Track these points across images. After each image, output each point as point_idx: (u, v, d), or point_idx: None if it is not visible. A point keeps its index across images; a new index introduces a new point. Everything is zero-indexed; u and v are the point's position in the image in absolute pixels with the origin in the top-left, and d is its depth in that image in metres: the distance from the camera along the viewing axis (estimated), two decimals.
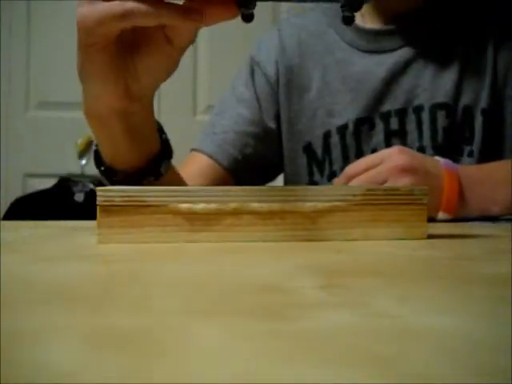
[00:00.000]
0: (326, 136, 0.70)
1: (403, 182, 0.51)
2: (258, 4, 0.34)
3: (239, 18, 0.36)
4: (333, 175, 0.69)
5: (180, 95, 1.66)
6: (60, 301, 0.17)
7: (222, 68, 1.67)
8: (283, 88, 0.72)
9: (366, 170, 0.53)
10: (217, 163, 0.70)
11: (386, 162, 0.52)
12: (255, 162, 0.72)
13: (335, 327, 0.14)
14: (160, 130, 0.48)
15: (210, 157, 0.70)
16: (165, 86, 0.45)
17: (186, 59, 0.40)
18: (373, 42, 0.70)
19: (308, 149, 0.72)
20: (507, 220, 0.56)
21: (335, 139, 0.69)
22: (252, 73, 0.75)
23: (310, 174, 0.72)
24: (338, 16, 0.74)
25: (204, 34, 1.65)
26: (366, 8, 0.71)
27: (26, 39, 1.66)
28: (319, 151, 0.71)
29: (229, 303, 0.17)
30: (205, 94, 1.67)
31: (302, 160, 0.72)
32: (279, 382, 0.10)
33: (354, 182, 0.54)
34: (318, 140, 0.71)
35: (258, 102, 0.73)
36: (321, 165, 0.71)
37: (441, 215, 0.53)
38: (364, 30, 0.70)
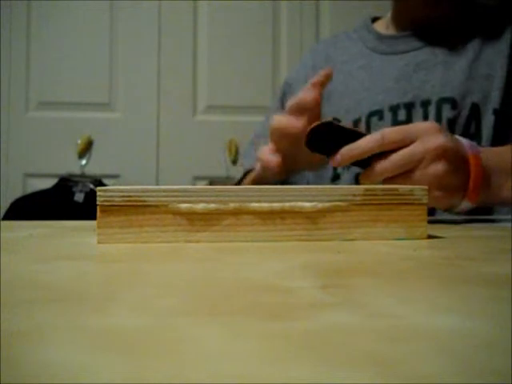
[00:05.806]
0: None
1: (436, 168, 0.49)
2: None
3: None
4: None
5: (180, 95, 1.66)
6: (60, 301, 0.17)
7: (222, 68, 1.67)
8: None
9: (403, 141, 0.50)
10: None
11: (423, 140, 0.49)
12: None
13: (335, 327, 0.14)
14: None
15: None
16: (165, 86, 0.45)
17: (186, 59, 0.39)
18: (392, 45, 0.80)
19: None
20: (507, 220, 0.56)
21: None
22: (283, 96, 0.87)
23: (334, 167, 0.78)
24: (365, 27, 0.85)
25: (204, 34, 1.65)
26: (390, 19, 0.83)
27: (25, 39, 1.66)
28: None
29: (229, 303, 0.17)
30: (205, 94, 1.67)
31: None
32: (279, 382, 0.10)
33: (387, 162, 0.50)
34: None
35: None
36: None
37: (463, 204, 0.51)
38: (386, 36, 0.82)
